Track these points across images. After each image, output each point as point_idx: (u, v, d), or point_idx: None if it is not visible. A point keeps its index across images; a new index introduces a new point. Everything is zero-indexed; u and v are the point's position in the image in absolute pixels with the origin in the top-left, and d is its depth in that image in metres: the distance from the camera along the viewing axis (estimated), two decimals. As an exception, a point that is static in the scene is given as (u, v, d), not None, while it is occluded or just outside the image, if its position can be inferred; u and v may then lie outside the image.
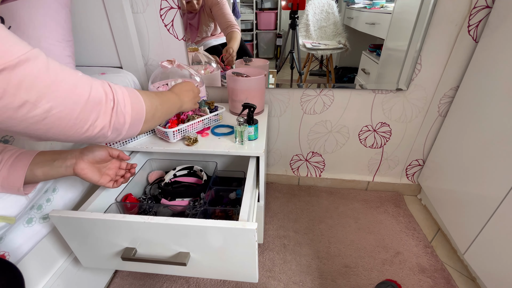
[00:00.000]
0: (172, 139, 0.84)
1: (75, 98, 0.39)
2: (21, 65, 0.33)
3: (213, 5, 1.09)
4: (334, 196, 1.39)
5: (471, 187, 0.95)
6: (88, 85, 0.41)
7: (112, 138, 0.48)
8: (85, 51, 1.09)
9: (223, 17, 1.11)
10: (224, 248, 0.62)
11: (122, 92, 0.47)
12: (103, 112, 0.43)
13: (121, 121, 0.46)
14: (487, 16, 0.92)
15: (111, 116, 0.44)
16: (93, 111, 0.42)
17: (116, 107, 0.45)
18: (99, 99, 0.42)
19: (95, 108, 0.42)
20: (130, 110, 0.48)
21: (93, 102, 0.42)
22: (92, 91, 0.42)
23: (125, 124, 0.47)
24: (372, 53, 1.11)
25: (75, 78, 0.40)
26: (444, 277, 0.97)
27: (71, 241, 0.69)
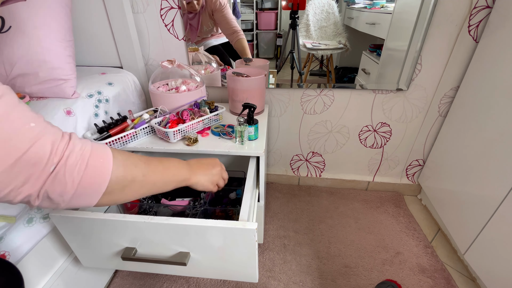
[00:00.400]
0: (173, 139, 0.84)
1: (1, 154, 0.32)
2: None
3: (215, 11, 1.09)
4: (334, 196, 1.39)
5: (471, 187, 0.95)
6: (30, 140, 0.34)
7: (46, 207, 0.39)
8: (85, 51, 1.09)
9: (227, 23, 1.12)
10: (224, 248, 0.63)
11: (82, 153, 0.39)
12: (35, 178, 0.35)
13: (58, 190, 0.37)
14: (488, 16, 0.92)
15: (44, 183, 0.36)
16: (20, 174, 0.34)
17: (60, 171, 0.36)
18: (36, 160, 0.34)
19: (25, 171, 0.34)
20: (79, 179, 0.38)
21: (26, 163, 0.33)
22: (32, 148, 0.34)
23: (65, 193, 0.38)
24: (373, 53, 1.11)
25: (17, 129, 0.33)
26: (444, 277, 0.97)
27: (71, 241, 0.69)
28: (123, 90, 0.99)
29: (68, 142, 0.38)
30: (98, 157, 0.41)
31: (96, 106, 0.86)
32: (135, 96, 1.07)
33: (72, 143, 0.38)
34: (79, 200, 0.40)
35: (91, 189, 0.40)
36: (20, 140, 0.33)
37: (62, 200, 0.39)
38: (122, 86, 0.99)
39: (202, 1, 1.07)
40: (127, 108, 1.01)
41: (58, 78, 0.78)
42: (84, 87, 0.87)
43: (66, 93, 0.80)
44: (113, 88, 0.95)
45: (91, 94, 0.86)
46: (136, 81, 1.10)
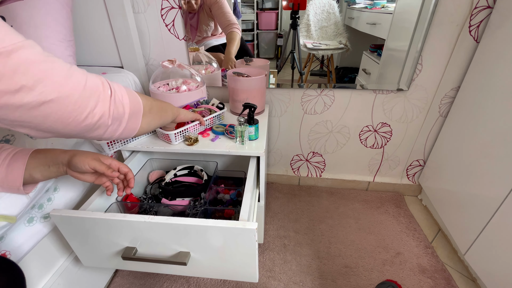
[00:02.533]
0: (174, 142, 0.84)
1: (71, 84, 0.39)
2: (17, 51, 0.33)
3: (212, 4, 1.09)
4: (335, 196, 1.39)
5: (472, 187, 0.94)
6: (83, 74, 0.42)
7: (113, 129, 0.47)
8: (86, 50, 1.10)
9: (223, 16, 1.11)
10: (225, 248, 0.63)
11: (117, 85, 0.48)
12: (101, 99, 0.43)
13: (120, 110, 0.46)
14: (488, 17, 0.92)
15: (110, 104, 0.44)
16: (91, 98, 0.41)
17: (114, 96, 0.45)
18: (95, 86, 0.42)
19: (93, 94, 0.42)
20: (128, 100, 0.48)
21: (90, 89, 0.41)
22: (88, 79, 0.42)
23: (125, 114, 0.47)
24: (373, 53, 1.11)
25: (70, 67, 0.40)
26: (444, 277, 0.97)
27: (71, 241, 0.69)
28: (124, 90, 0.99)
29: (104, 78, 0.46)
30: (126, 88, 0.50)
31: (96, 106, 0.86)
32: (136, 96, 1.07)
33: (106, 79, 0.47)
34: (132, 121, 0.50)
35: (136, 110, 0.51)
36: (78, 74, 0.41)
37: (124, 119, 0.48)
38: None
39: (200, 0, 1.07)
40: (128, 108, 1.01)
41: (59, 77, 0.78)
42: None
43: (67, 93, 0.80)
44: (114, 88, 0.95)
45: (92, 94, 0.86)
46: (137, 81, 1.10)
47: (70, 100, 0.39)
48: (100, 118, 0.43)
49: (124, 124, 0.49)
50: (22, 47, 0.34)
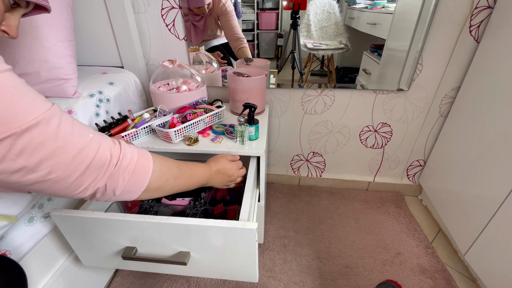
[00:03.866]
0: (175, 140, 0.84)
1: (77, 163, 0.38)
2: (30, 130, 0.32)
3: (221, 15, 1.10)
4: (335, 196, 1.39)
5: (472, 188, 0.94)
6: (95, 148, 0.41)
7: (101, 200, 0.47)
8: (86, 50, 1.10)
9: (231, 30, 1.13)
10: (225, 248, 0.63)
11: (131, 157, 0.46)
12: (101, 177, 0.42)
13: (113, 186, 0.45)
14: (489, 17, 0.92)
15: (107, 179, 0.43)
16: (91, 175, 0.41)
17: (117, 170, 0.44)
18: (102, 163, 0.42)
19: (95, 172, 0.41)
20: (128, 178, 0.46)
21: (95, 166, 0.41)
22: (98, 154, 0.41)
23: (117, 189, 0.45)
24: (373, 53, 1.11)
25: (84, 142, 0.39)
26: (444, 278, 0.97)
27: (72, 240, 0.69)
28: (124, 89, 1.00)
29: (120, 148, 0.45)
30: (143, 160, 0.49)
31: (97, 106, 0.86)
32: (136, 95, 1.07)
33: (123, 148, 0.46)
34: (125, 195, 0.48)
35: (136, 187, 0.48)
36: (89, 150, 0.40)
37: (113, 194, 0.46)
38: (123, 85, 1.00)
39: (210, 5, 1.08)
40: (128, 107, 1.01)
41: (60, 77, 0.78)
42: (85, 86, 0.87)
43: (67, 93, 0.80)
44: (114, 87, 0.95)
45: (92, 93, 0.86)
46: (137, 81, 1.10)
47: (71, 178, 0.38)
48: (93, 193, 0.43)
49: (113, 198, 0.47)
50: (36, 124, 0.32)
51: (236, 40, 1.14)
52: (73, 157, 0.38)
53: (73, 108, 0.78)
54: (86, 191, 0.42)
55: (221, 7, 1.08)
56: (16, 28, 0.46)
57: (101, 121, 0.84)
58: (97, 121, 0.84)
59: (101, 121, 0.84)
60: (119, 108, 0.96)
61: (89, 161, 0.40)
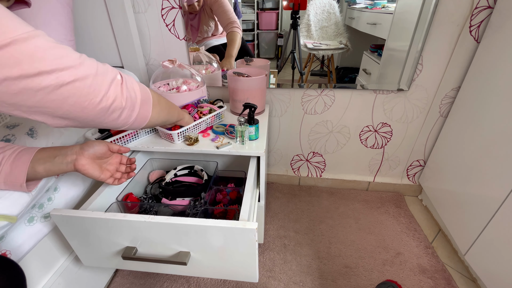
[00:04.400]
0: (177, 141, 0.84)
1: (85, 68, 0.41)
2: (32, 38, 0.35)
3: (213, 3, 1.09)
4: (335, 196, 1.39)
5: (472, 188, 0.94)
6: (93, 60, 0.44)
7: (127, 114, 0.49)
8: (86, 50, 1.10)
9: (224, 14, 1.10)
10: (225, 248, 0.63)
11: (126, 74, 0.50)
12: (114, 83, 0.46)
13: (132, 94, 0.49)
14: (489, 17, 0.92)
15: (122, 88, 0.47)
16: (104, 81, 0.44)
17: (125, 82, 0.48)
18: (106, 71, 0.45)
19: (105, 78, 0.44)
20: (138, 87, 0.51)
21: (102, 73, 0.44)
22: (99, 65, 0.44)
23: (137, 98, 0.50)
24: (374, 53, 1.11)
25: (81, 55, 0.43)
26: (444, 278, 0.97)
27: (72, 240, 0.69)
28: (124, 89, 0.99)
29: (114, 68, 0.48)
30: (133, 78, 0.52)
31: (97, 106, 0.86)
32: (136, 95, 1.07)
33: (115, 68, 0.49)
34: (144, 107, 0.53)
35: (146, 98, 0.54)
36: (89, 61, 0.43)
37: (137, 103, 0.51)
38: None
39: (202, 1, 1.07)
40: (128, 107, 1.01)
41: (60, 77, 0.78)
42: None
43: (67, 93, 0.80)
44: (114, 87, 0.95)
45: (92, 93, 0.86)
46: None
47: (86, 83, 0.41)
48: (114, 101, 0.46)
49: (137, 109, 0.51)
50: (36, 35, 0.36)
51: (228, 24, 1.12)
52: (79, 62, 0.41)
53: (73, 108, 0.78)
54: (107, 98, 0.44)
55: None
56: None
57: (101, 121, 0.84)
58: (97, 121, 0.83)
59: (101, 121, 0.84)
60: (119, 108, 0.95)
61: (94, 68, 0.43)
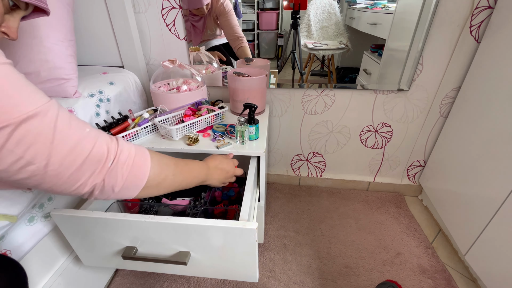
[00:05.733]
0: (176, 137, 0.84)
1: (74, 156, 0.38)
2: (27, 121, 0.33)
3: (220, 14, 1.10)
4: (335, 196, 1.38)
5: (472, 188, 0.94)
6: (91, 143, 0.41)
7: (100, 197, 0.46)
8: (87, 50, 1.10)
9: (231, 29, 1.13)
10: (225, 248, 0.63)
11: (129, 153, 0.46)
12: (98, 171, 0.42)
13: (111, 183, 0.44)
14: (489, 17, 0.92)
15: (105, 176, 0.43)
16: (88, 170, 0.41)
17: (115, 166, 0.44)
18: (99, 157, 0.42)
19: (91, 167, 0.41)
20: (127, 174, 0.46)
21: (91, 161, 0.41)
22: (94, 149, 0.41)
23: (116, 186, 0.45)
24: (374, 54, 1.11)
25: (80, 135, 0.40)
26: (445, 278, 0.97)
27: (72, 240, 0.69)
28: (124, 89, 1.00)
29: (117, 144, 0.45)
30: (141, 157, 0.48)
31: (97, 106, 0.86)
32: (136, 95, 1.07)
33: (120, 144, 0.46)
34: (125, 192, 0.47)
35: (135, 183, 0.48)
36: (85, 143, 0.40)
37: (112, 191, 0.45)
38: (123, 85, 1.00)
39: (209, 5, 1.08)
40: (128, 107, 1.01)
41: (60, 77, 0.79)
42: (85, 86, 0.87)
43: (67, 93, 0.80)
44: (115, 87, 0.95)
45: (93, 93, 0.86)
46: (137, 81, 1.10)
47: (66, 173, 0.38)
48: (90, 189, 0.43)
49: (113, 196, 0.47)
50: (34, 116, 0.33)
51: (236, 40, 1.14)
52: (70, 150, 0.38)
53: (74, 107, 0.78)
54: (83, 187, 0.42)
55: (219, 6, 1.08)
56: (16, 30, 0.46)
57: (102, 121, 0.85)
58: (97, 121, 0.84)
59: (102, 121, 0.85)
60: (120, 108, 0.96)
61: (86, 154, 0.40)
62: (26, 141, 0.33)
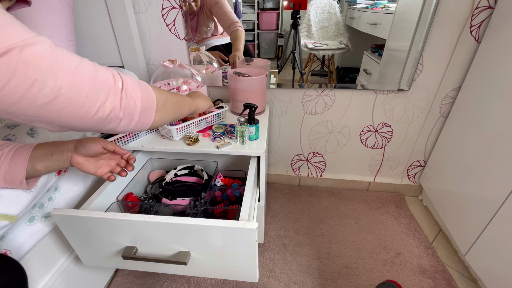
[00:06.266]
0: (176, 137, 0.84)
1: (81, 77, 0.40)
2: (29, 45, 0.35)
3: (213, 5, 1.09)
4: (335, 196, 1.38)
5: (472, 188, 0.94)
6: (93, 67, 0.43)
7: (126, 123, 0.47)
8: (87, 50, 1.10)
9: (224, 16, 1.10)
10: (225, 248, 0.63)
11: (130, 78, 0.47)
12: (112, 92, 0.43)
13: (132, 103, 0.46)
14: (490, 17, 0.92)
15: (121, 97, 0.45)
16: (101, 91, 0.42)
17: (126, 89, 0.45)
18: (106, 79, 0.43)
19: (104, 87, 0.42)
20: (140, 94, 0.48)
21: (101, 81, 0.42)
22: (99, 72, 0.43)
23: (136, 107, 0.47)
24: (374, 54, 1.11)
25: (81, 61, 0.41)
26: (445, 278, 0.97)
27: (72, 240, 0.69)
28: (125, 89, 1.00)
29: (116, 71, 0.46)
30: (139, 81, 0.50)
31: (97, 106, 0.86)
32: (137, 95, 1.07)
33: (117, 71, 0.46)
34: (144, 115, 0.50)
35: (148, 105, 0.50)
36: (88, 67, 0.42)
37: (136, 113, 0.48)
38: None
39: (200, 2, 1.07)
40: (129, 107, 1.01)
41: (60, 77, 0.79)
42: (85, 86, 0.87)
43: (68, 92, 0.80)
44: (115, 87, 0.95)
45: (93, 93, 0.86)
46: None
47: (81, 93, 0.40)
48: (111, 112, 0.44)
49: (136, 118, 0.49)
50: (34, 42, 0.36)
51: (230, 25, 1.12)
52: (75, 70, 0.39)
53: (74, 107, 0.78)
54: (104, 108, 0.43)
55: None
56: None
57: (102, 121, 0.84)
58: (97, 121, 0.84)
59: (102, 121, 0.84)
60: (120, 108, 0.96)
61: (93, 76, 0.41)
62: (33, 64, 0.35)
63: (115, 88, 0.44)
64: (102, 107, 0.43)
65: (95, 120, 0.43)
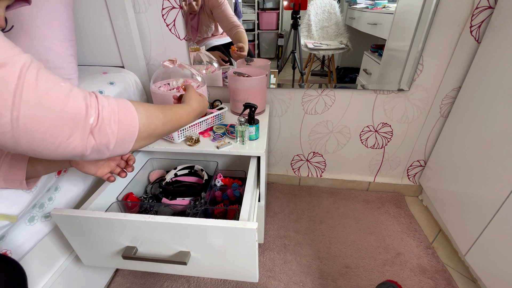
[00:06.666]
0: (177, 140, 0.84)
1: (46, 107, 0.36)
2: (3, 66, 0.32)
3: (214, 8, 1.09)
4: (335, 196, 1.38)
5: (473, 188, 0.94)
6: (65, 95, 0.38)
7: (94, 158, 0.44)
8: (87, 50, 1.10)
9: (226, 19, 1.11)
10: (225, 248, 0.63)
11: (111, 108, 0.43)
12: (79, 128, 0.39)
13: (104, 141, 0.42)
14: (490, 17, 0.92)
15: (91, 133, 0.40)
16: (66, 126, 0.37)
17: (100, 125, 0.40)
18: (75, 112, 0.38)
19: (69, 122, 0.38)
20: (117, 130, 0.43)
21: (68, 114, 0.37)
22: (70, 102, 0.38)
23: (110, 144, 0.43)
24: (374, 54, 1.11)
25: (52, 87, 0.37)
26: (445, 278, 0.97)
27: (72, 240, 0.69)
28: (125, 89, 1.00)
29: (97, 98, 0.42)
30: (126, 110, 0.45)
31: (97, 106, 0.86)
32: (137, 95, 1.07)
33: (100, 99, 0.42)
34: (119, 148, 0.45)
35: (127, 138, 0.46)
36: (58, 95, 0.37)
37: (107, 149, 0.43)
38: (124, 85, 1.00)
39: (200, 1, 1.07)
40: (129, 107, 1.01)
41: (60, 77, 0.78)
42: (85, 86, 0.87)
43: (68, 92, 0.80)
44: (115, 87, 0.95)
45: (93, 93, 0.86)
46: (138, 81, 1.10)
47: (40, 127, 0.36)
48: (75, 148, 0.39)
49: (108, 154, 0.44)
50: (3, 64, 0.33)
51: (232, 28, 1.12)
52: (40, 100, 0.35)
53: (74, 107, 0.78)
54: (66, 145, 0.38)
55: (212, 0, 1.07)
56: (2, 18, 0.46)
57: (102, 120, 0.84)
58: (97, 121, 0.84)
59: (102, 120, 0.84)
60: (120, 108, 0.95)
61: (60, 107, 0.37)
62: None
63: (84, 123, 0.39)
64: (64, 144, 0.38)
65: (58, 154, 0.39)
